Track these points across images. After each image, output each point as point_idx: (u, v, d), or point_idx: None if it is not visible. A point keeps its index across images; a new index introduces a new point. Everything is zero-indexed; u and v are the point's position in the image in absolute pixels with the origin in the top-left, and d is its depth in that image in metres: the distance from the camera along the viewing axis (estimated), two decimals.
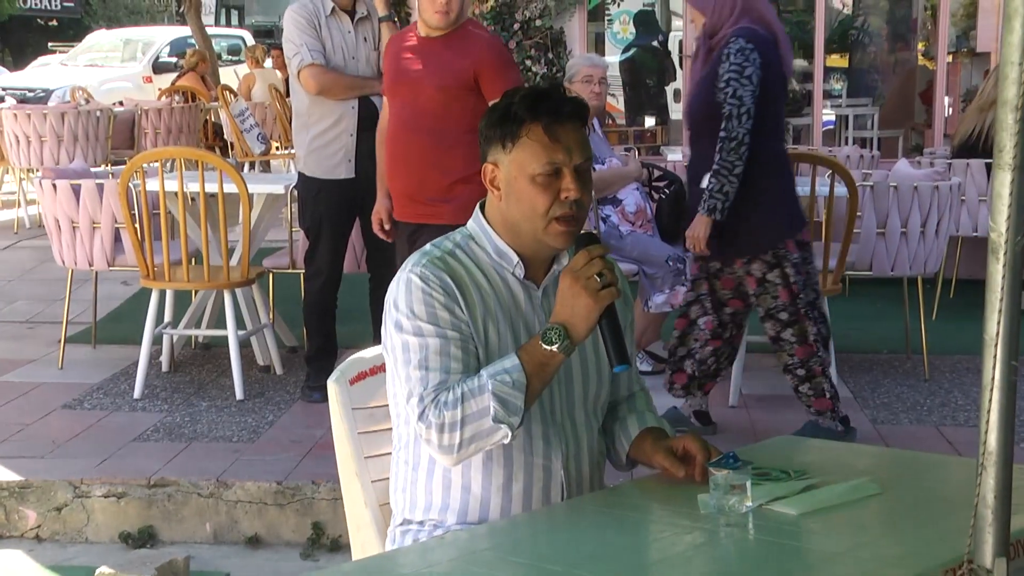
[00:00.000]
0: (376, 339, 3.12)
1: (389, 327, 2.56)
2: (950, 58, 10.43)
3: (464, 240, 2.64)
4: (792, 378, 5.07)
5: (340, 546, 4.60)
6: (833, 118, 12.61)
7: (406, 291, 2.53)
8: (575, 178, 2.53)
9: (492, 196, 2.63)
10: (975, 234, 7.51)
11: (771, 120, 4.87)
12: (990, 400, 1.95)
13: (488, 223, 2.64)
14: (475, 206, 4.42)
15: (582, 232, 2.55)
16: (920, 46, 13.29)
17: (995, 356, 1.95)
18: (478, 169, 4.79)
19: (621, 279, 2.54)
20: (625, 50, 14.00)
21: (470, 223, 2.67)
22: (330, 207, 5.66)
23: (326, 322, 5.81)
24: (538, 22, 8.69)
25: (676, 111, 13.05)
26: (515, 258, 2.61)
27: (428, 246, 2.64)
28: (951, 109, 10.49)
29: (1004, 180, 1.95)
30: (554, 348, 2.44)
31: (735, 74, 4.74)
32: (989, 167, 7.33)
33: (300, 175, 5.78)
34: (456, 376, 2.48)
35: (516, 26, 8.68)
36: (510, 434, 2.46)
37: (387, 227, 5.22)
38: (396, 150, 4.99)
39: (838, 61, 13.67)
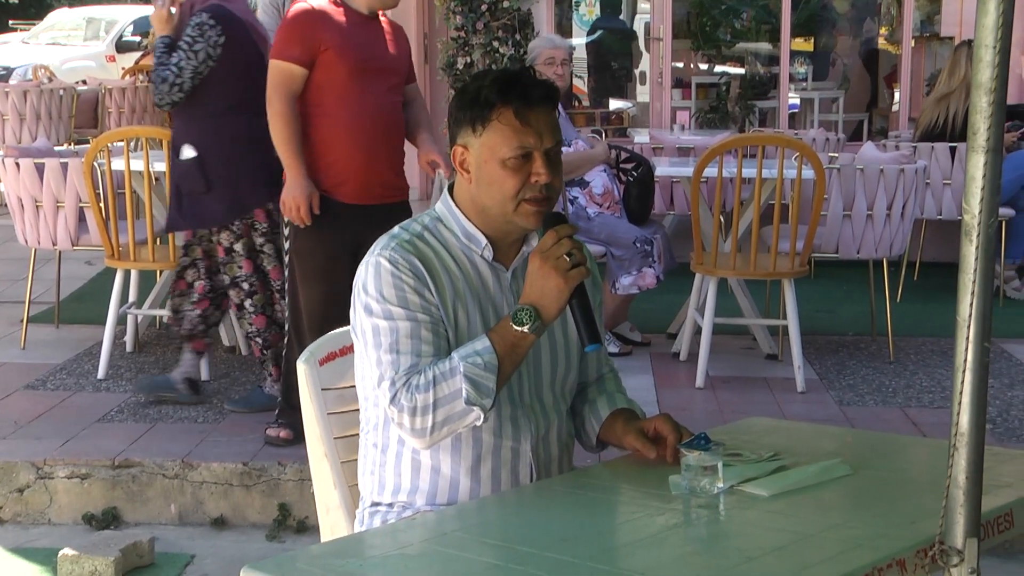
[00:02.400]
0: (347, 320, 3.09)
1: (358, 310, 2.56)
2: (913, 42, 10.45)
3: (432, 223, 2.63)
4: (255, 345, 5.31)
5: (306, 527, 4.58)
6: (797, 101, 12.64)
7: (375, 275, 2.52)
8: (545, 162, 2.53)
9: (461, 179, 2.62)
10: (939, 217, 7.55)
11: (238, 95, 5.09)
12: (962, 381, 1.96)
13: (457, 206, 2.63)
14: None
15: (551, 212, 2.55)
16: (884, 30, 13.35)
17: (968, 337, 1.96)
18: None
19: (590, 260, 2.54)
20: (591, 32, 14.00)
21: (438, 205, 2.66)
22: None
23: None
24: (506, 4, 8.67)
25: (642, 93, 13.06)
26: (483, 240, 2.60)
27: (396, 228, 2.63)
28: (914, 93, 10.53)
29: (978, 162, 1.95)
30: (525, 329, 2.44)
31: (185, 45, 5.03)
32: (953, 151, 7.37)
33: None
34: (427, 359, 2.48)
35: (484, 7, 8.65)
36: (482, 416, 2.45)
37: (316, 211, 4.61)
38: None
39: (803, 45, 13.69)
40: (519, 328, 2.44)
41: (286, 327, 4.93)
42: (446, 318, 2.54)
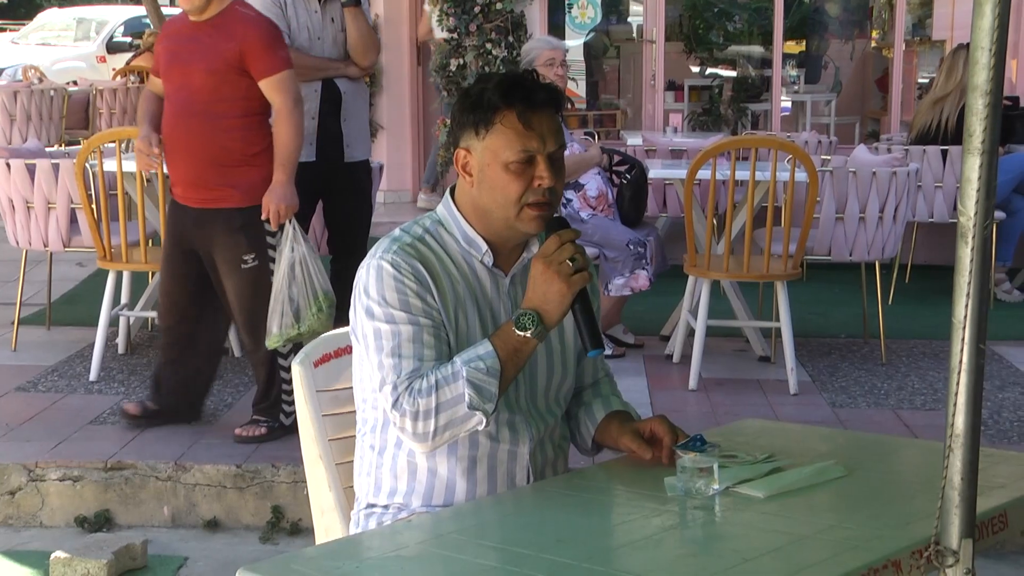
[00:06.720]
0: (342, 321, 3.09)
1: (359, 313, 2.54)
2: (905, 45, 10.47)
3: (433, 226, 2.62)
4: None
5: (300, 530, 4.58)
6: (790, 104, 12.66)
7: (377, 278, 2.51)
8: (548, 165, 2.52)
9: (463, 182, 2.60)
10: (931, 220, 7.56)
11: None
12: (958, 383, 1.97)
13: (458, 209, 2.62)
14: (263, 188, 4.55)
15: (553, 216, 2.54)
16: (875, 33, 13.37)
17: (963, 339, 1.96)
18: (259, 151, 4.82)
19: (590, 266, 2.53)
20: (585, 34, 14.00)
21: (439, 208, 2.65)
22: None
23: None
24: (499, 6, 8.68)
25: (635, 96, 13.05)
26: (484, 246, 2.59)
27: (397, 231, 2.61)
28: (906, 96, 10.56)
29: (973, 164, 1.95)
30: (528, 334, 2.44)
31: None
32: (945, 154, 7.38)
33: None
34: (429, 363, 2.47)
35: (477, 9, 8.66)
36: (485, 420, 2.45)
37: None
38: (174, 135, 4.89)
39: (795, 48, 13.73)
40: (522, 333, 2.44)
41: None
42: (447, 322, 2.53)
